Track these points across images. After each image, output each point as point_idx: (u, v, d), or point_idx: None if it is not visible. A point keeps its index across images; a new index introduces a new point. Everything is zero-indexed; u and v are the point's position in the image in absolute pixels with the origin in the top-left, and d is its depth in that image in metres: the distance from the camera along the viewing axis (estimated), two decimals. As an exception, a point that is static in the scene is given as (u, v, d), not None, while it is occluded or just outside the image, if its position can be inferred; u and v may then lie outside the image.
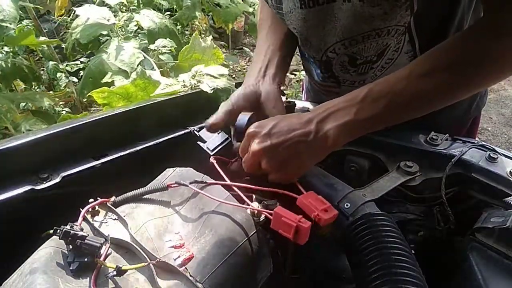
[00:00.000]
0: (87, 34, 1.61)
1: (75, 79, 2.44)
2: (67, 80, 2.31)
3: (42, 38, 2.06)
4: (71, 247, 0.46)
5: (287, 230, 0.50)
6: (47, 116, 1.73)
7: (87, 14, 1.61)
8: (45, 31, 2.43)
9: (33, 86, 2.10)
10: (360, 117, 0.59)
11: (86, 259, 0.45)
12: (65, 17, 2.33)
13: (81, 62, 2.54)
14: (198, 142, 0.70)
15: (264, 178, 0.61)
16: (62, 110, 2.07)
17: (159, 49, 1.66)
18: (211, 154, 0.67)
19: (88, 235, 0.47)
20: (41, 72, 2.46)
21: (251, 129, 0.61)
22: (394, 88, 0.60)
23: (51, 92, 2.45)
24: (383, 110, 0.59)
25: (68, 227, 0.46)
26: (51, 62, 2.28)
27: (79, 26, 1.63)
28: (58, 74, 2.29)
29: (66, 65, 2.44)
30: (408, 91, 0.59)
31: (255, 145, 0.59)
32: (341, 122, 0.59)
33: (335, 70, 0.79)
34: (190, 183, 0.57)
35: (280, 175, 0.60)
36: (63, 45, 2.13)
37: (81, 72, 2.41)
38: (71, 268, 0.45)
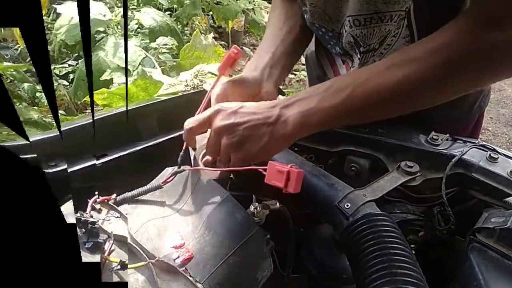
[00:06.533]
0: (73, 34, 1.46)
1: (65, 82, 2.36)
2: (57, 84, 2.25)
3: (6, 64, 1.92)
4: (84, 230, 0.49)
5: (279, 179, 0.52)
6: (38, 125, 1.69)
7: (70, 13, 1.34)
8: (7, 57, 2.30)
9: (15, 104, 2.02)
10: (322, 105, 0.57)
11: (100, 240, 0.48)
12: (44, 17, 2.26)
13: (69, 65, 2.38)
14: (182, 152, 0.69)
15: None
16: (52, 121, 2.02)
17: (160, 47, 1.65)
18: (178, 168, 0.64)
19: (98, 220, 0.49)
20: (19, 91, 2.35)
21: (217, 106, 0.60)
22: (357, 79, 0.58)
23: (35, 107, 2.37)
24: (344, 100, 0.57)
25: (78, 214, 0.48)
26: (26, 84, 2.16)
27: (62, 26, 1.48)
28: (38, 94, 2.13)
29: (54, 68, 2.36)
30: (369, 83, 0.57)
31: (217, 122, 0.58)
32: (303, 109, 0.58)
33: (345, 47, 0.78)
34: (177, 172, 0.57)
35: (239, 154, 0.58)
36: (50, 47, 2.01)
37: (71, 75, 2.27)
38: (86, 246, 0.48)
